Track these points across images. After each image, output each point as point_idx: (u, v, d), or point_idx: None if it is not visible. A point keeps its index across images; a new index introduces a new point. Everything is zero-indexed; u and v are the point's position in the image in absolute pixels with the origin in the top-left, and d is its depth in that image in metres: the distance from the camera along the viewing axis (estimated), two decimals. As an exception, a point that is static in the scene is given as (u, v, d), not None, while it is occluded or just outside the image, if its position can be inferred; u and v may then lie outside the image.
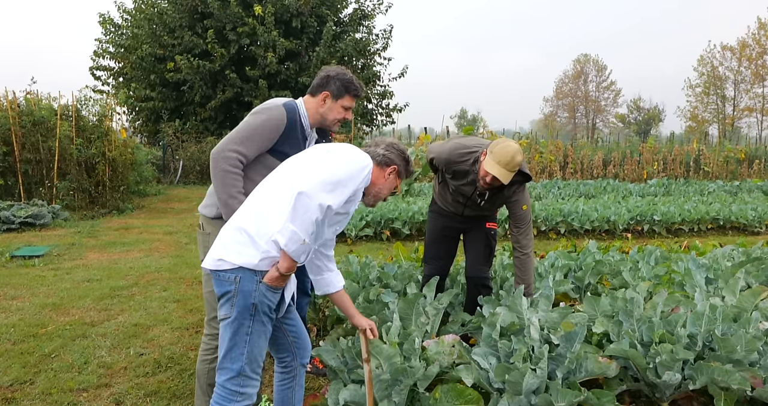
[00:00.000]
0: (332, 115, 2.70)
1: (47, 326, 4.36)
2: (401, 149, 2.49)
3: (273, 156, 2.59)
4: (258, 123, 2.54)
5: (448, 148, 3.45)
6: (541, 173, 17.70)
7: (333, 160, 2.16)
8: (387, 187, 2.45)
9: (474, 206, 3.52)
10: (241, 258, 2.06)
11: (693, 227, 9.59)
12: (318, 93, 2.68)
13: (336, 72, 2.69)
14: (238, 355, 2.10)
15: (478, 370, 2.69)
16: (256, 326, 2.10)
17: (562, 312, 3.07)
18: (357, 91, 2.71)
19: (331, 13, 18.79)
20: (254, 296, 2.07)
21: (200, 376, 2.71)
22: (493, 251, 3.64)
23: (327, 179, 2.05)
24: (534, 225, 9.00)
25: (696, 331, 2.88)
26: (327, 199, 2.02)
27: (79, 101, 11.40)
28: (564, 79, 57.49)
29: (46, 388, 3.29)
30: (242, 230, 2.10)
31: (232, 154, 2.48)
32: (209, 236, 2.61)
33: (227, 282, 2.08)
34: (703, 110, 47.93)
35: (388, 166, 2.43)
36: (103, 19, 19.63)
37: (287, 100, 2.66)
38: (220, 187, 2.48)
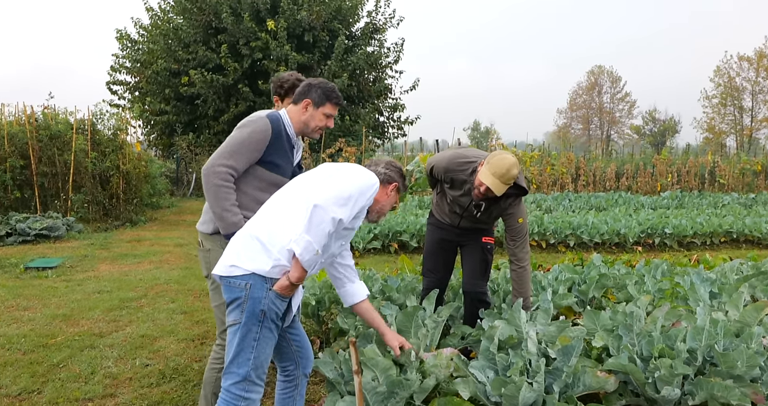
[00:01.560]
0: (314, 122, 2.74)
1: (57, 336, 4.43)
2: (399, 167, 2.64)
3: (263, 167, 2.64)
4: (244, 136, 2.59)
5: (447, 157, 3.52)
6: (553, 186, 17.63)
7: (344, 177, 2.28)
8: (389, 204, 2.59)
9: (470, 217, 3.55)
10: (254, 264, 2.14)
11: (705, 240, 9.49)
12: (300, 101, 2.73)
13: (318, 81, 2.76)
14: (244, 360, 2.17)
15: (475, 383, 2.70)
16: (263, 333, 2.17)
17: (560, 326, 3.07)
18: (338, 99, 2.77)
19: (343, 27, 19.00)
20: (263, 303, 2.14)
21: (207, 384, 2.76)
22: (489, 265, 3.66)
23: (339, 194, 2.17)
24: (543, 238, 8.97)
25: (696, 346, 2.87)
26: (339, 212, 2.14)
27: (95, 115, 11.63)
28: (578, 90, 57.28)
29: (53, 397, 3.35)
30: (255, 237, 2.19)
31: (222, 169, 2.53)
32: (209, 252, 2.67)
33: (237, 288, 2.15)
34: (720, 121, 47.48)
35: (390, 184, 2.57)
36: (120, 35, 20.03)
37: (270, 111, 2.74)
38: (214, 201, 2.53)
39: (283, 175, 2.72)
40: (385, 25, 20.60)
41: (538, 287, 4.30)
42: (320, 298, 4.09)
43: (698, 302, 3.73)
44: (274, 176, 2.68)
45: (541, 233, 8.96)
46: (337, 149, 15.71)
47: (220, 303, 2.62)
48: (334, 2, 18.71)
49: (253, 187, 2.64)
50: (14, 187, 10.44)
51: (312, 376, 3.61)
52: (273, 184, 2.67)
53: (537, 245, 8.94)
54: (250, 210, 2.62)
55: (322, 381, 3.51)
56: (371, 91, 19.77)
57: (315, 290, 4.22)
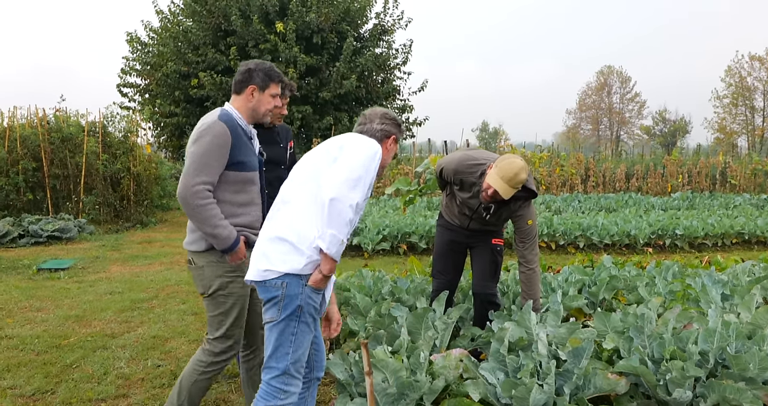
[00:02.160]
0: (263, 106, 2.69)
1: (70, 337, 4.48)
2: (393, 117, 2.60)
3: (232, 170, 2.58)
4: (206, 147, 2.50)
5: (456, 159, 3.53)
6: (562, 187, 17.56)
7: (349, 157, 2.26)
8: (389, 156, 2.58)
9: (479, 219, 3.55)
10: (287, 265, 2.19)
11: (717, 242, 9.42)
12: (243, 89, 2.66)
13: (255, 64, 2.68)
14: (283, 354, 2.23)
15: (485, 385, 2.70)
16: (301, 327, 2.23)
17: (570, 327, 3.07)
18: (280, 77, 2.71)
19: (352, 28, 19.03)
20: (300, 299, 2.20)
21: (185, 378, 2.69)
22: (499, 267, 3.66)
23: (349, 177, 2.18)
24: (552, 239, 8.95)
25: (708, 348, 2.85)
26: (354, 197, 2.17)
27: (106, 118, 11.73)
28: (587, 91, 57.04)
29: (66, 398, 3.38)
30: (282, 239, 2.22)
31: (199, 188, 2.46)
32: (203, 269, 2.62)
33: (274, 288, 2.20)
34: (731, 121, 47.11)
35: (388, 138, 2.55)
36: (131, 38, 20.17)
37: (220, 112, 2.63)
38: (201, 222, 2.48)
39: (252, 169, 2.67)
40: (393, 26, 20.60)
41: (548, 288, 4.29)
42: (330, 299, 4.11)
43: (710, 304, 3.71)
44: (245, 174, 2.63)
45: (550, 235, 8.93)
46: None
47: (215, 314, 2.63)
48: (343, 4, 18.74)
49: (228, 192, 2.59)
50: (27, 190, 10.56)
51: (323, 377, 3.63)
52: (245, 182, 2.64)
53: (546, 246, 8.91)
54: (232, 215, 2.59)
55: (332, 382, 3.52)
56: (379, 93, 19.77)
57: (325, 291, 4.24)
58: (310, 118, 17.36)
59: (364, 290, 4.16)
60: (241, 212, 2.65)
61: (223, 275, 2.61)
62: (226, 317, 2.64)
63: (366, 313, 3.71)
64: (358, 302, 3.80)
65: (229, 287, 2.63)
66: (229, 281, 2.63)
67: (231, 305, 2.64)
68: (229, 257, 2.59)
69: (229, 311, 2.64)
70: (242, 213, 2.66)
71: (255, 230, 2.70)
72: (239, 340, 2.73)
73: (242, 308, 2.69)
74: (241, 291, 2.66)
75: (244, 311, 2.71)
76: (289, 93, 3.34)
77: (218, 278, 2.61)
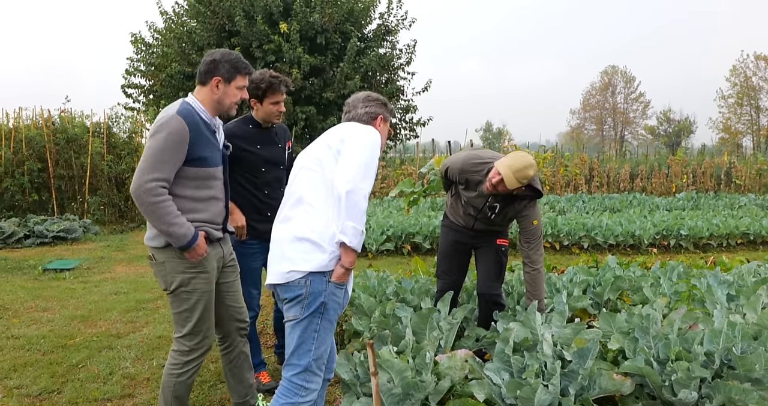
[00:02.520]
0: (228, 99, 2.63)
1: (75, 337, 4.50)
2: (376, 97, 2.61)
3: (192, 166, 2.52)
4: (161, 143, 2.43)
5: (462, 158, 3.53)
6: (566, 187, 17.54)
7: (352, 147, 2.29)
8: (384, 134, 2.59)
9: (485, 219, 3.55)
10: (311, 264, 2.21)
11: (722, 242, 9.39)
12: (209, 80, 2.59)
13: (221, 54, 2.61)
14: (305, 351, 2.25)
15: (490, 385, 2.70)
16: (324, 324, 2.26)
17: (575, 328, 3.07)
18: (247, 69, 2.65)
19: (355, 29, 19.04)
20: (324, 295, 2.23)
21: (165, 388, 2.67)
22: (504, 268, 3.65)
23: (358, 169, 2.21)
24: (556, 240, 8.93)
25: (713, 348, 2.85)
26: (366, 186, 2.22)
27: (111, 119, 11.78)
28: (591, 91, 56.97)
29: (72, 397, 3.40)
30: (302, 239, 2.24)
31: (151, 185, 2.39)
32: (164, 265, 2.58)
33: (297, 287, 2.23)
34: (736, 121, 46.97)
35: (375, 120, 2.56)
36: (135, 39, 20.23)
37: (179, 107, 2.54)
38: (155, 220, 2.43)
39: (214, 164, 2.61)
40: (397, 26, 20.60)
41: (552, 288, 4.29)
42: (335, 300, 4.11)
43: (715, 305, 3.71)
44: (206, 170, 2.57)
45: (554, 235, 8.92)
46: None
47: (180, 311, 2.61)
48: (347, 4, 18.75)
49: (188, 188, 2.53)
50: (32, 190, 10.60)
51: (327, 377, 3.64)
52: (207, 178, 2.59)
53: (551, 246, 8.90)
54: (193, 211, 2.55)
55: (337, 383, 3.53)
56: (383, 93, 19.77)
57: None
58: (314, 119, 17.38)
59: (368, 290, 4.17)
60: (203, 208, 2.59)
61: (184, 270, 2.56)
62: (191, 313, 2.60)
63: (370, 313, 3.72)
64: (363, 303, 3.81)
65: (191, 282, 2.58)
66: (192, 277, 2.58)
67: (195, 301, 2.60)
68: (188, 255, 2.52)
69: (194, 307, 2.60)
70: (203, 209, 2.60)
71: (217, 225, 2.67)
72: (208, 336, 2.68)
73: (208, 303, 2.64)
74: (205, 287, 2.62)
75: (211, 306, 2.67)
76: (285, 89, 3.27)
77: (180, 273, 2.56)
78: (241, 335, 2.91)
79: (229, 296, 2.83)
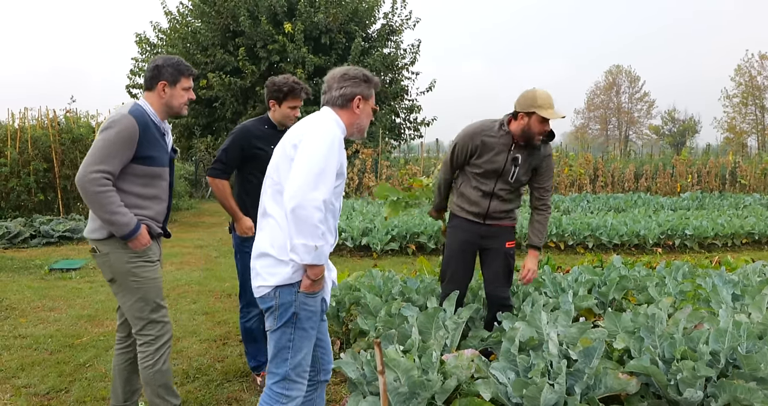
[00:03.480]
0: (176, 101, 2.72)
1: (82, 336, 4.52)
2: (353, 75, 2.39)
3: (139, 164, 2.62)
4: (111, 138, 2.53)
5: (474, 125, 3.55)
6: (571, 187, 17.52)
7: (304, 155, 2.15)
8: (364, 117, 2.42)
9: (504, 187, 3.48)
10: (276, 278, 2.19)
11: (727, 242, 9.38)
12: (155, 86, 2.69)
13: (163, 59, 2.71)
14: (282, 361, 2.24)
15: (496, 384, 2.71)
16: (298, 333, 2.23)
17: (581, 327, 3.07)
18: (190, 70, 2.74)
19: (360, 29, 19.07)
20: (294, 306, 2.20)
21: (148, 382, 2.74)
22: (512, 271, 3.63)
23: (307, 179, 2.08)
24: (561, 239, 8.94)
25: (719, 348, 2.85)
26: (318, 196, 2.07)
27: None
28: (595, 90, 56.84)
29: (80, 396, 3.42)
30: (265, 254, 2.24)
31: (96, 175, 2.49)
32: (108, 256, 2.64)
33: (268, 299, 2.23)
34: (741, 121, 46.83)
35: (351, 102, 2.37)
36: (140, 39, 20.32)
37: (132, 107, 2.65)
38: (98, 209, 2.52)
39: (161, 164, 2.71)
40: (401, 26, 20.64)
41: (557, 288, 4.29)
42: (340, 299, 4.13)
43: (720, 304, 3.70)
44: (152, 169, 2.66)
45: (559, 235, 8.92)
46: (354, 151, 15.77)
47: (132, 302, 2.66)
48: (351, 4, 18.79)
49: (135, 185, 2.64)
50: (38, 190, 10.64)
51: (333, 376, 3.65)
52: (153, 177, 2.68)
53: (555, 246, 8.90)
54: (138, 207, 2.64)
55: (343, 382, 3.55)
56: (387, 93, 19.80)
57: (335, 291, 4.26)
58: (318, 119, 17.36)
59: (374, 290, 4.18)
60: (147, 205, 2.70)
61: (129, 260, 2.64)
62: (144, 302, 2.68)
63: (376, 313, 3.73)
64: (369, 302, 3.82)
65: (138, 271, 2.66)
66: (138, 266, 2.66)
67: (146, 290, 2.68)
68: (131, 244, 2.61)
69: (145, 295, 2.68)
70: (148, 206, 2.70)
71: (158, 223, 2.76)
72: (168, 321, 2.77)
73: (158, 291, 2.72)
74: (151, 274, 2.70)
75: (160, 292, 2.74)
76: (304, 96, 3.42)
77: (126, 263, 2.64)
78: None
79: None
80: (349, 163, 15.72)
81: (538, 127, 3.30)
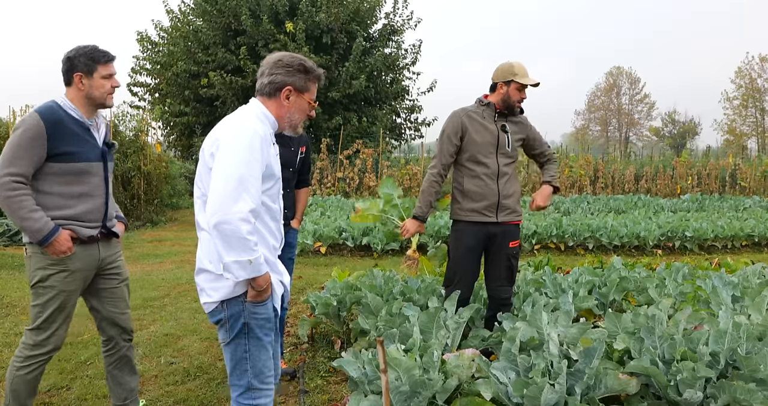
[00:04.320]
0: (97, 91, 2.61)
1: (83, 334, 4.53)
2: (287, 62, 2.20)
3: (56, 162, 2.54)
4: (17, 139, 2.48)
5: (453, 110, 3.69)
6: (571, 188, 17.53)
7: (221, 164, 2.00)
8: (295, 111, 2.24)
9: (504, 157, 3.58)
10: (219, 293, 2.09)
11: (726, 244, 9.40)
12: (71, 79, 2.60)
13: (75, 50, 2.61)
14: (242, 372, 2.16)
15: (497, 384, 2.72)
16: (252, 343, 2.14)
17: (581, 328, 3.08)
18: (106, 56, 2.62)
19: (361, 28, 19.07)
20: (243, 317, 2.11)
21: (6, 380, 2.71)
22: (515, 271, 3.64)
23: (228, 191, 1.94)
24: (561, 240, 8.95)
25: (719, 349, 2.86)
26: (242, 207, 1.93)
27: (117, 117, 11.83)
28: (596, 92, 56.87)
29: (81, 394, 3.43)
30: (203, 270, 2.13)
31: (6, 179, 2.43)
32: (31, 258, 2.63)
33: (217, 312, 2.13)
34: (741, 123, 46.85)
35: (280, 92, 2.19)
36: (141, 37, 20.30)
37: (42, 104, 2.58)
38: (10, 214, 2.47)
39: (85, 160, 2.61)
40: (402, 26, 20.64)
41: (558, 289, 4.31)
42: (341, 298, 4.15)
43: (720, 306, 3.72)
44: (73, 165, 2.57)
45: (559, 236, 8.93)
46: (355, 151, 15.78)
47: (35, 304, 2.64)
48: (353, 4, 18.79)
49: (57, 183, 2.56)
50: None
51: (333, 375, 3.67)
52: (77, 173, 2.59)
53: (555, 247, 8.92)
54: (63, 207, 2.58)
55: (344, 381, 3.56)
56: (388, 93, 19.81)
57: (336, 290, 4.27)
58: (319, 118, 17.41)
59: (375, 289, 4.19)
60: (73, 204, 2.60)
61: (45, 266, 2.59)
62: (43, 309, 2.63)
63: (377, 312, 3.74)
64: (370, 302, 3.83)
65: (49, 279, 2.60)
66: (51, 274, 2.59)
67: (50, 298, 2.61)
68: (48, 250, 2.54)
69: (46, 303, 2.62)
70: (74, 205, 2.60)
71: (89, 222, 2.66)
72: (56, 335, 2.69)
73: (63, 303, 2.64)
74: (63, 285, 2.62)
75: (67, 306, 2.67)
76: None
77: (40, 269, 2.59)
78: (125, 340, 2.93)
79: (109, 302, 2.85)
80: (350, 163, 15.72)
81: (516, 94, 3.55)
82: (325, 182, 15.27)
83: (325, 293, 4.43)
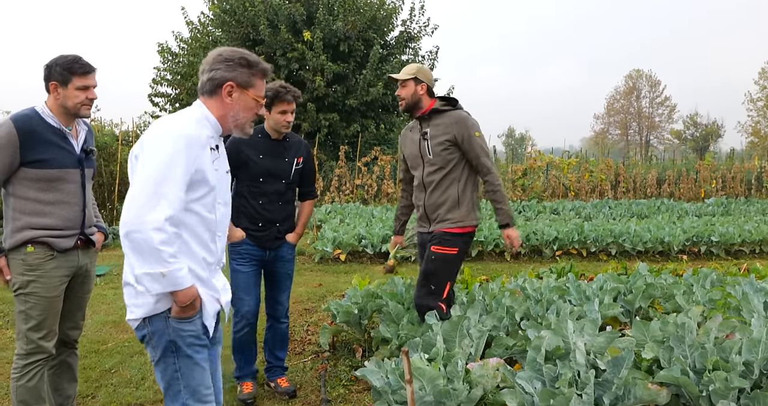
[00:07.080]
0: (70, 101, 2.64)
1: (108, 342, 4.57)
2: (227, 57, 2.04)
3: (30, 167, 2.58)
4: None
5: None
6: (592, 193, 17.33)
7: (142, 167, 1.88)
8: (240, 109, 2.07)
9: (429, 165, 3.51)
10: (142, 310, 1.96)
11: (754, 249, 9.19)
12: (49, 87, 2.65)
13: (53, 60, 2.65)
14: (176, 393, 2.00)
15: (522, 394, 2.67)
16: (182, 362, 1.98)
17: (608, 336, 3.02)
18: (84, 68, 2.65)
19: (378, 36, 19.13)
20: (168, 333, 1.96)
21: (12, 393, 2.71)
22: (433, 276, 3.46)
23: (144, 197, 1.81)
24: (583, 246, 8.82)
25: (752, 358, 2.78)
26: (158, 216, 1.79)
27: (139, 127, 12.01)
28: (615, 95, 56.34)
29: (106, 402, 3.46)
30: (126, 283, 2.00)
31: None
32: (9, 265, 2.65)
33: (141, 328, 2.00)
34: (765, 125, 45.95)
35: (221, 88, 2.02)
36: (162, 49, 20.61)
37: (20, 111, 2.64)
38: None
39: (60, 166, 2.63)
40: (419, 33, 20.67)
41: (582, 296, 4.23)
42: (362, 306, 4.12)
43: (752, 313, 3.61)
44: (47, 171, 2.60)
45: (581, 241, 8.81)
46: (373, 158, 15.81)
47: (18, 311, 2.65)
48: (369, 12, 18.87)
49: (32, 189, 2.60)
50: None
51: (355, 384, 3.64)
52: (51, 180, 2.61)
53: (578, 253, 8.80)
54: (39, 214, 2.60)
55: (366, 389, 3.53)
56: (406, 100, 19.83)
57: (357, 298, 4.25)
58: (336, 126, 17.48)
59: (395, 297, 4.16)
60: (49, 211, 2.63)
61: (23, 273, 2.61)
62: (27, 317, 2.64)
63: (398, 320, 3.71)
64: (391, 310, 3.81)
65: (29, 286, 2.62)
66: (30, 281, 2.61)
67: (31, 306, 2.63)
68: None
69: (29, 310, 2.63)
70: (50, 212, 2.63)
71: (64, 230, 2.67)
72: (46, 342, 2.68)
73: (46, 310, 2.65)
74: (43, 292, 2.63)
75: (50, 313, 2.68)
76: (292, 99, 3.30)
77: (19, 275, 2.61)
78: (68, 347, 2.93)
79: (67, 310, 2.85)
80: (368, 170, 15.73)
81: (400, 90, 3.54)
82: (343, 189, 15.31)
83: (346, 300, 4.41)
